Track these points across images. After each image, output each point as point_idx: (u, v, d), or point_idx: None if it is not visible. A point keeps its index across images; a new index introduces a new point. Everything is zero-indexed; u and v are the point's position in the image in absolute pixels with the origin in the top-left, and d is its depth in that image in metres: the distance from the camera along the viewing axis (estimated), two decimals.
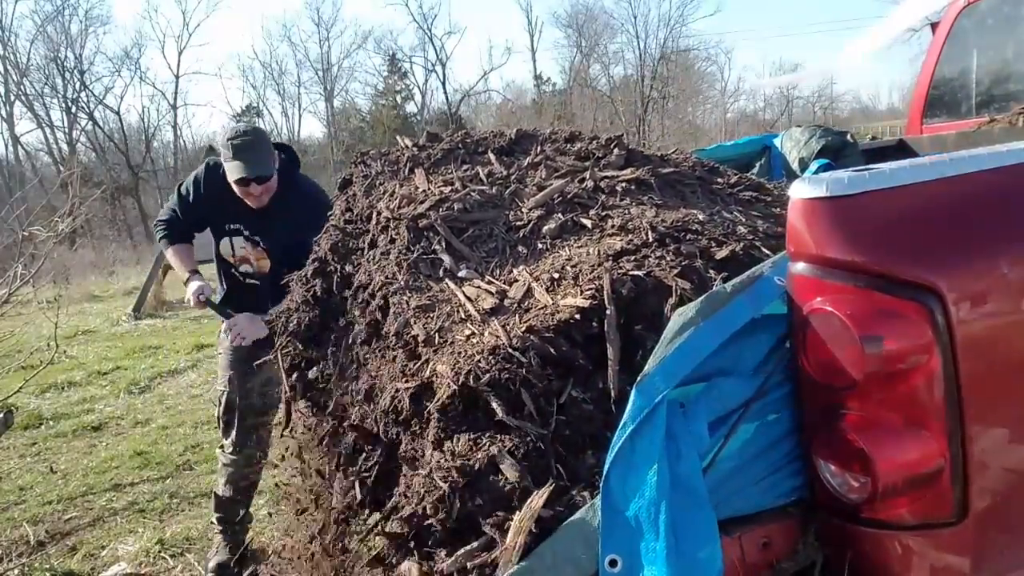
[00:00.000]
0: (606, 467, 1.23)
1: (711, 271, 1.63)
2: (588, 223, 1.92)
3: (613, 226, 1.87)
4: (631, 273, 1.61)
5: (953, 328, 1.19)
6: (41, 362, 5.43)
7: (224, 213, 3.30)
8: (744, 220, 1.97)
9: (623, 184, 2.11)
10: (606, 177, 2.16)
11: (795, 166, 3.29)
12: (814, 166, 3.16)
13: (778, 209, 2.18)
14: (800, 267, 1.29)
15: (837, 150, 3.27)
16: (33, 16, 38.22)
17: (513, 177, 2.23)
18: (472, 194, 2.10)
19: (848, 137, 3.40)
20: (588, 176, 2.16)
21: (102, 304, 13.18)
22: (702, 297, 1.35)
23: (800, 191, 1.29)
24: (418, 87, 41.46)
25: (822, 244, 1.26)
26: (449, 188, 2.15)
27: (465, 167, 2.33)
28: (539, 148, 2.42)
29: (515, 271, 1.80)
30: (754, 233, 1.85)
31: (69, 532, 4.04)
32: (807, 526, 1.34)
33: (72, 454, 5.37)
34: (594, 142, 2.42)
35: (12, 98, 33.30)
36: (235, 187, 3.14)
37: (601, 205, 2.02)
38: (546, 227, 1.94)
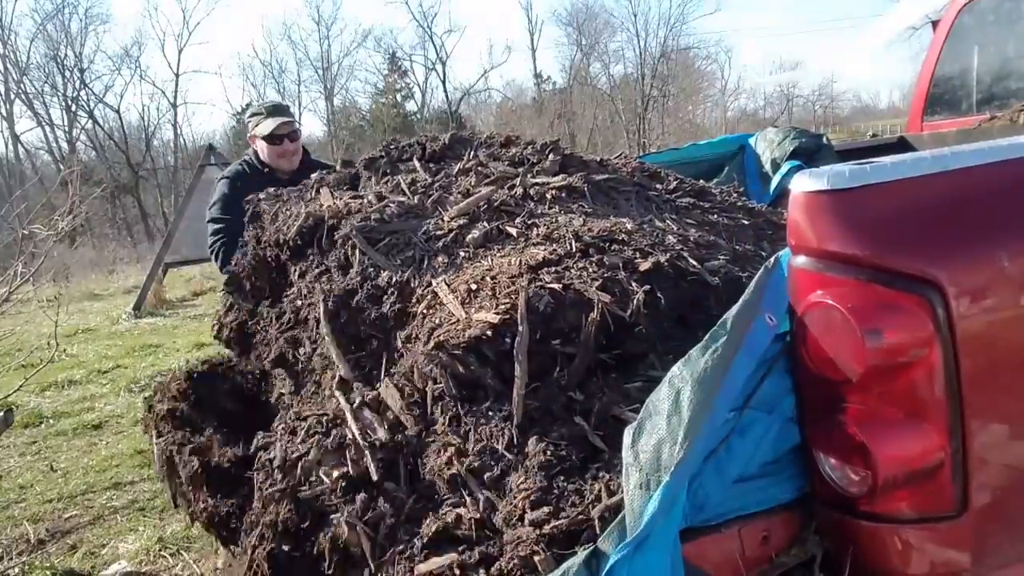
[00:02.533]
0: (615, 553, 1.14)
1: (634, 283, 1.57)
2: (513, 231, 1.85)
3: (538, 235, 1.81)
4: (549, 286, 1.54)
5: (954, 322, 1.19)
6: (41, 360, 5.43)
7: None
8: (676, 228, 1.92)
9: (553, 191, 2.04)
10: (536, 184, 2.09)
11: (768, 167, 3.27)
12: (785, 167, 3.14)
13: (715, 216, 2.13)
14: (801, 260, 1.29)
15: (811, 152, 3.24)
16: (33, 15, 38.43)
17: (437, 185, 2.16)
18: (390, 206, 2.02)
19: (823, 139, 3.38)
20: (518, 183, 2.09)
21: (102, 302, 13.17)
22: (716, 363, 1.24)
23: (802, 185, 1.29)
24: (418, 85, 41.46)
25: (823, 238, 1.25)
26: (357, 202, 2.07)
27: (386, 178, 2.26)
28: (472, 153, 2.34)
29: (433, 281, 1.73)
30: (684, 242, 1.80)
31: (69, 530, 4.04)
32: (807, 520, 1.34)
33: (72, 452, 5.36)
34: (529, 147, 2.34)
35: (12, 96, 33.28)
36: (267, 150, 3.42)
37: (528, 213, 1.95)
38: (470, 236, 1.86)
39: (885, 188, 1.25)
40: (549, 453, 1.37)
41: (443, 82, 40.28)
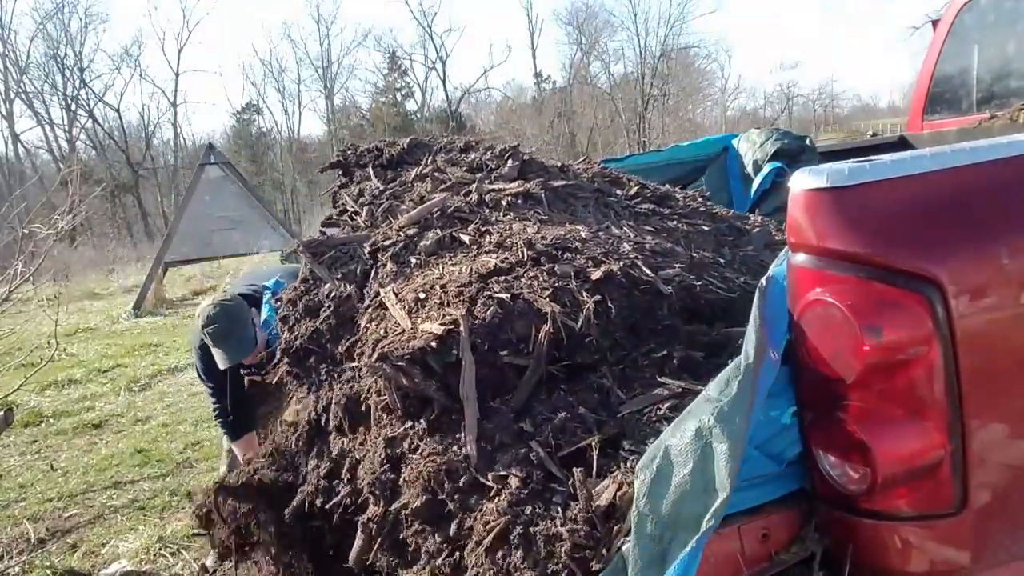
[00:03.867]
0: None
1: (585, 293, 1.55)
2: (466, 239, 1.82)
3: (491, 243, 1.78)
4: (497, 296, 1.52)
5: (953, 319, 1.19)
6: (41, 360, 5.43)
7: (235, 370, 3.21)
8: (632, 236, 1.88)
9: (509, 197, 2.01)
10: (493, 190, 2.05)
11: (749, 168, 3.24)
12: (767, 169, 3.12)
13: (675, 222, 2.10)
14: (801, 258, 1.29)
15: (794, 154, 3.21)
16: (33, 14, 38.20)
17: (388, 193, 2.13)
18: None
19: (806, 141, 3.36)
20: (474, 189, 2.05)
21: (102, 302, 13.18)
22: (744, 417, 1.19)
23: (801, 182, 1.28)
24: (418, 85, 41.43)
25: (823, 235, 1.25)
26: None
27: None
28: (430, 159, 2.30)
29: (382, 291, 1.71)
30: (639, 250, 1.77)
31: (70, 530, 4.04)
32: (807, 518, 1.34)
33: (72, 452, 5.37)
34: (489, 152, 2.30)
35: (12, 96, 33.27)
36: None
37: (483, 220, 1.91)
38: (422, 243, 1.84)
39: (885, 185, 1.25)
40: (506, 482, 1.33)
41: (443, 81, 40.30)
